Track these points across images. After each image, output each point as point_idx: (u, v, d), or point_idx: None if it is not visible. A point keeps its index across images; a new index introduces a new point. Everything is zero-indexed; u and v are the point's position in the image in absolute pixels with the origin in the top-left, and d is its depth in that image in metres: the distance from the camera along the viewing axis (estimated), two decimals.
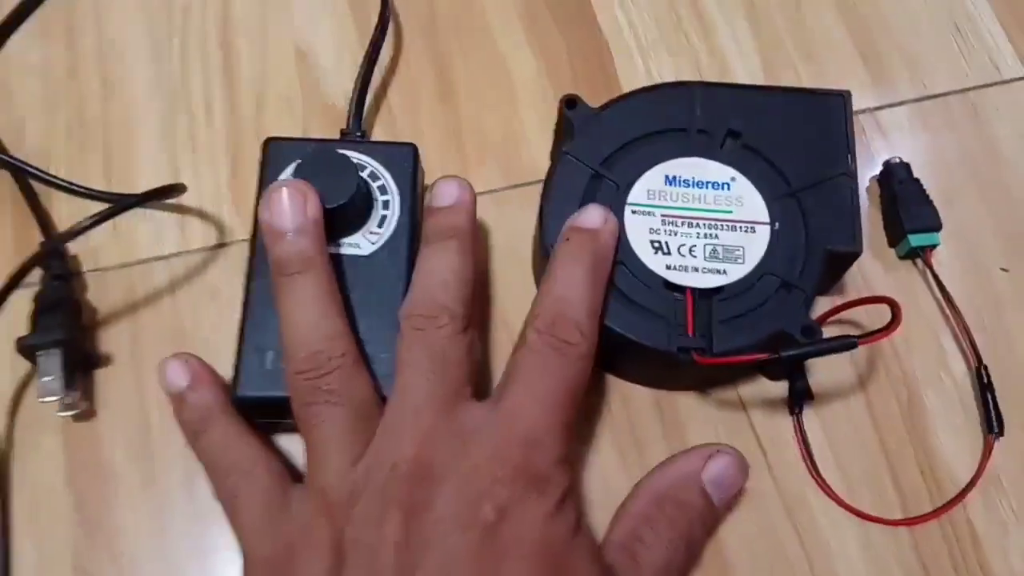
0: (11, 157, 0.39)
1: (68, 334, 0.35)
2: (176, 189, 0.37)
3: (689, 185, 0.35)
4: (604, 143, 0.36)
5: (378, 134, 0.41)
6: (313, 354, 0.30)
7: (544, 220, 0.35)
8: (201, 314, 0.38)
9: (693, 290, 0.34)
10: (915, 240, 0.38)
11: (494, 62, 0.43)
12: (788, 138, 0.36)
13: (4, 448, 0.35)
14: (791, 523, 0.35)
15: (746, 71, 0.43)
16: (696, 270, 0.34)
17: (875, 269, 0.39)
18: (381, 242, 0.35)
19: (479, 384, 0.32)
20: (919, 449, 0.36)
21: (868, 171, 0.41)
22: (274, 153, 0.36)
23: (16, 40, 0.43)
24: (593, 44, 0.44)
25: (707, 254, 0.34)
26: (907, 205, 0.39)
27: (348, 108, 0.39)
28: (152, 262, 0.38)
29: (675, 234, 0.34)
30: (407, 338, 0.31)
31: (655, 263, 0.34)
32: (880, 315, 0.36)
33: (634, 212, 0.35)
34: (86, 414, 0.36)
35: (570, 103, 0.37)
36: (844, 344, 0.32)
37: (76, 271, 0.38)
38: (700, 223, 0.35)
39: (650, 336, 0.33)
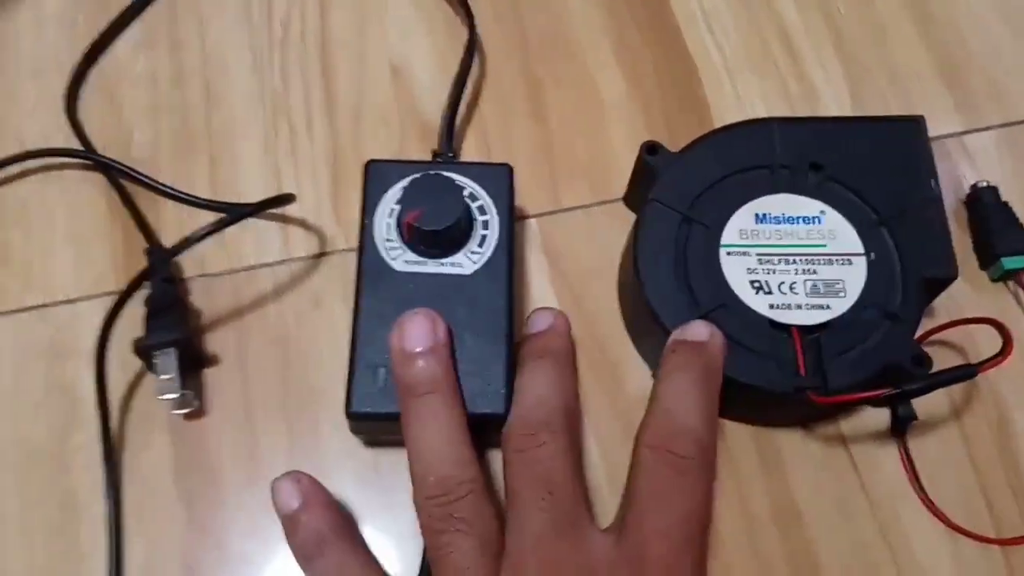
0: (122, 165, 0.40)
1: (181, 334, 0.36)
2: (286, 199, 0.38)
3: (780, 222, 0.36)
4: (690, 186, 0.36)
5: (470, 152, 0.42)
6: (443, 479, 0.30)
7: (640, 270, 0.35)
8: (304, 320, 0.39)
9: (800, 328, 0.34)
10: (1008, 263, 0.38)
11: (583, 82, 0.44)
12: (870, 167, 0.36)
13: (116, 447, 0.36)
14: (885, 543, 0.35)
15: (833, 96, 0.44)
16: (800, 307, 0.34)
17: (965, 292, 0.39)
18: (482, 261, 0.36)
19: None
20: (1011, 471, 0.36)
21: (954, 195, 0.42)
22: (375, 174, 0.37)
23: (122, 49, 0.44)
24: (681, 65, 0.44)
25: (808, 290, 0.34)
26: (998, 228, 0.39)
27: (440, 129, 0.40)
28: (257, 269, 0.40)
29: (774, 272, 0.35)
30: (509, 463, 0.30)
31: (758, 303, 0.34)
32: (968, 336, 0.37)
33: (729, 254, 0.35)
34: (196, 413, 0.37)
35: (651, 149, 0.37)
36: (964, 374, 0.33)
37: (181, 277, 0.39)
38: (797, 259, 0.35)
39: (763, 378, 0.33)
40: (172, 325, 0.36)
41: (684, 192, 0.36)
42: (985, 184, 0.41)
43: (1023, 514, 0.36)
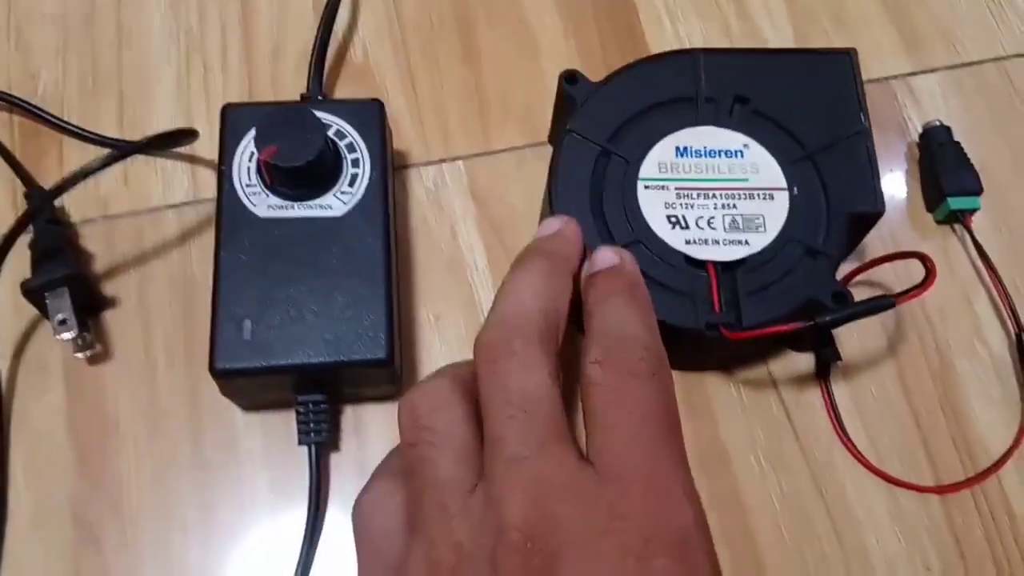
0: (18, 99, 0.38)
1: (71, 271, 0.34)
2: (186, 134, 0.35)
3: (701, 155, 0.34)
4: (609, 118, 0.35)
5: (396, 95, 0.40)
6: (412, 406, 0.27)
7: (554, 203, 0.33)
8: (210, 263, 0.36)
9: (716, 264, 0.32)
10: (955, 203, 0.37)
11: (518, 21, 0.42)
12: (798, 100, 0.35)
13: (5, 396, 0.34)
14: (818, 490, 0.34)
15: (777, 37, 0.42)
16: (717, 243, 0.32)
17: (911, 235, 0.38)
18: (354, 202, 0.33)
19: None
20: (951, 418, 0.35)
21: (900, 137, 0.40)
22: (233, 118, 0.34)
23: None
24: (620, 4, 0.43)
25: (727, 225, 0.33)
26: (946, 168, 0.37)
27: (309, 67, 0.38)
28: (162, 210, 0.37)
29: (692, 207, 0.33)
30: (479, 375, 0.27)
31: (674, 239, 0.33)
32: (908, 276, 0.36)
33: (647, 187, 0.33)
34: (97, 358, 0.35)
35: (570, 78, 0.35)
36: (881, 305, 0.31)
37: (72, 219, 0.37)
38: (717, 194, 0.33)
39: (676, 315, 0.32)
40: (60, 264, 0.34)
41: (603, 124, 0.34)
42: (938, 123, 0.39)
43: (963, 463, 0.34)
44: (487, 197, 0.39)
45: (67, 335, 0.33)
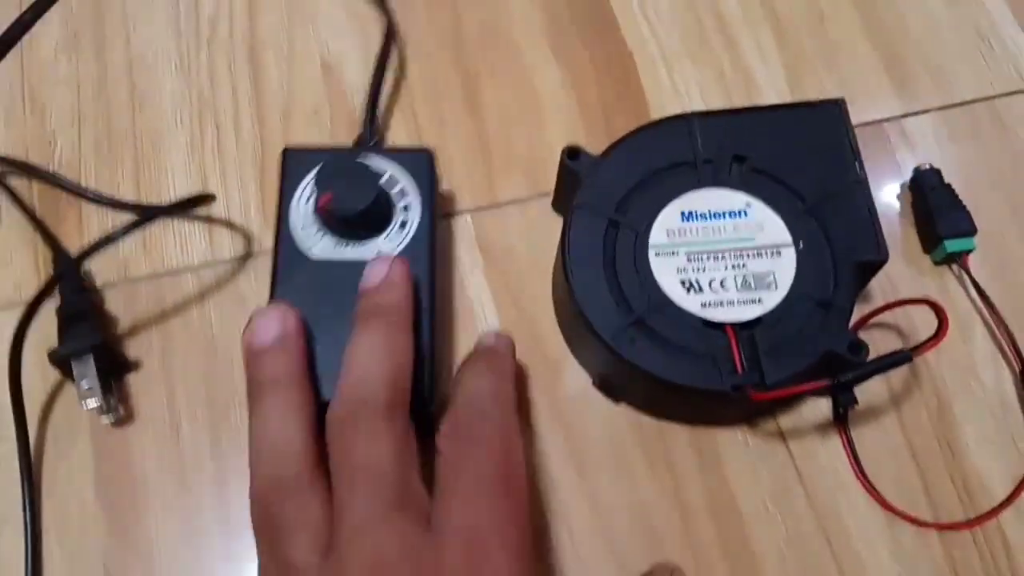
0: (37, 168, 0.39)
1: (96, 339, 0.35)
2: (205, 199, 0.37)
3: (707, 218, 0.35)
4: (614, 190, 0.35)
5: (404, 144, 0.42)
6: (274, 476, 0.28)
7: (569, 275, 0.34)
8: (230, 323, 0.38)
9: (734, 325, 0.33)
10: (951, 246, 0.38)
11: (519, 73, 0.43)
12: (794, 155, 0.36)
13: (36, 458, 0.35)
14: (823, 533, 0.35)
15: (770, 82, 0.43)
16: (732, 303, 0.33)
17: (910, 276, 0.39)
18: (402, 246, 0.35)
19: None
20: (950, 458, 0.36)
21: (895, 179, 0.41)
22: (292, 162, 0.36)
23: (46, 51, 0.43)
24: (617, 55, 0.44)
25: (739, 285, 0.34)
26: (941, 211, 0.39)
27: (362, 116, 0.40)
28: (181, 273, 0.39)
29: (703, 270, 0.34)
30: (330, 449, 0.28)
31: (690, 303, 0.33)
32: (908, 318, 0.37)
33: (658, 255, 0.34)
34: (122, 420, 0.36)
35: (572, 154, 0.36)
36: (899, 360, 0.32)
37: (98, 283, 0.38)
38: (726, 255, 0.34)
39: (701, 378, 0.32)
40: (86, 331, 0.35)
41: (608, 195, 0.35)
42: (928, 166, 0.40)
43: (961, 500, 0.35)
44: (494, 249, 0.40)
45: (92, 403, 0.34)
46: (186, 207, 0.36)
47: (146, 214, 0.35)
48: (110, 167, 0.41)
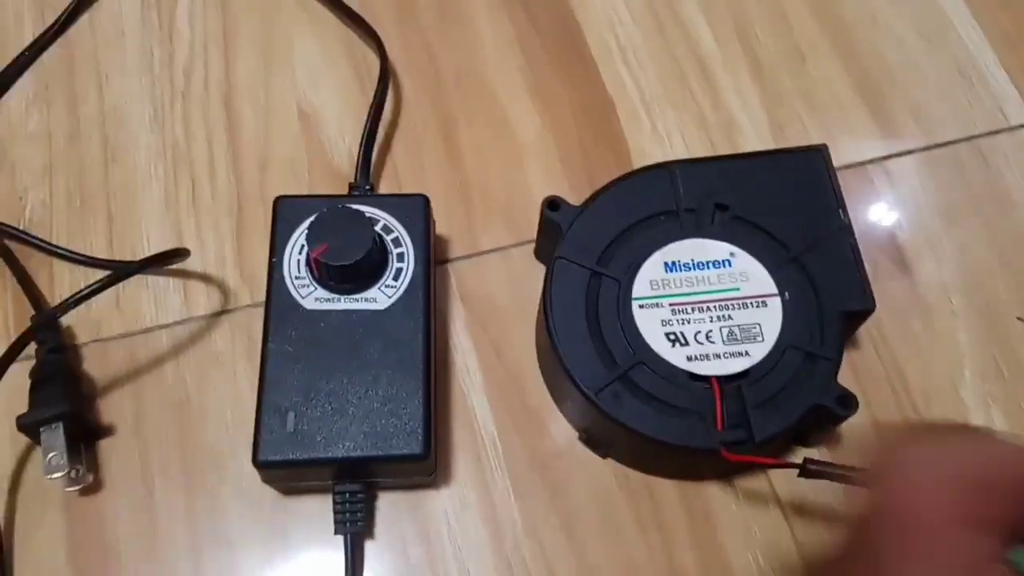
0: (6, 226, 0.38)
1: (68, 407, 0.34)
2: (179, 254, 0.36)
3: (690, 268, 0.34)
4: (596, 240, 0.35)
5: (384, 192, 0.41)
6: None
7: (552, 328, 0.33)
8: (205, 382, 0.37)
9: (719, 378, 0.32)
10: None
11: (498, 119, 0.43)
12: (777, 202, 0.35)
13: (5, 526, 0.34)
14: None
15: (752, 126, 0.43)
16: (718, 356, 0.32)
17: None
18: (397, 295, 0.34)
19: None
20: None
21: (880, 222, 0.40)
22: (285, 211, 0.35)
23: (16, 105, 0.42)
24: (597, 100, 0.43)
25: (725, 337, 0.33)
26: None
27: (355, 163, 0.39)
28: (155, 330, 0.38)
29: (688, 322, 0.33)
30: None
31: (675, 357, 0.32)
32: (897, 369, 0.36)
33: (642, 307, 0.33)
34: (92, 487, 0.35)
35: (552, 205, 0.35)
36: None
37: (72, 343, 0.37)
38: (711, 306, 0.33)
39: (685, 435, 0.32)
40: (57, 398, 0.34)
41: (590, 247, 0.34)
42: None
43: None
44: (475, 299, 0.39)
45: (57, 475, 0.33)
46: (160, 262, 0.35)
47: (119, 271, 0.34)
48: (83, 222, 0.40)
